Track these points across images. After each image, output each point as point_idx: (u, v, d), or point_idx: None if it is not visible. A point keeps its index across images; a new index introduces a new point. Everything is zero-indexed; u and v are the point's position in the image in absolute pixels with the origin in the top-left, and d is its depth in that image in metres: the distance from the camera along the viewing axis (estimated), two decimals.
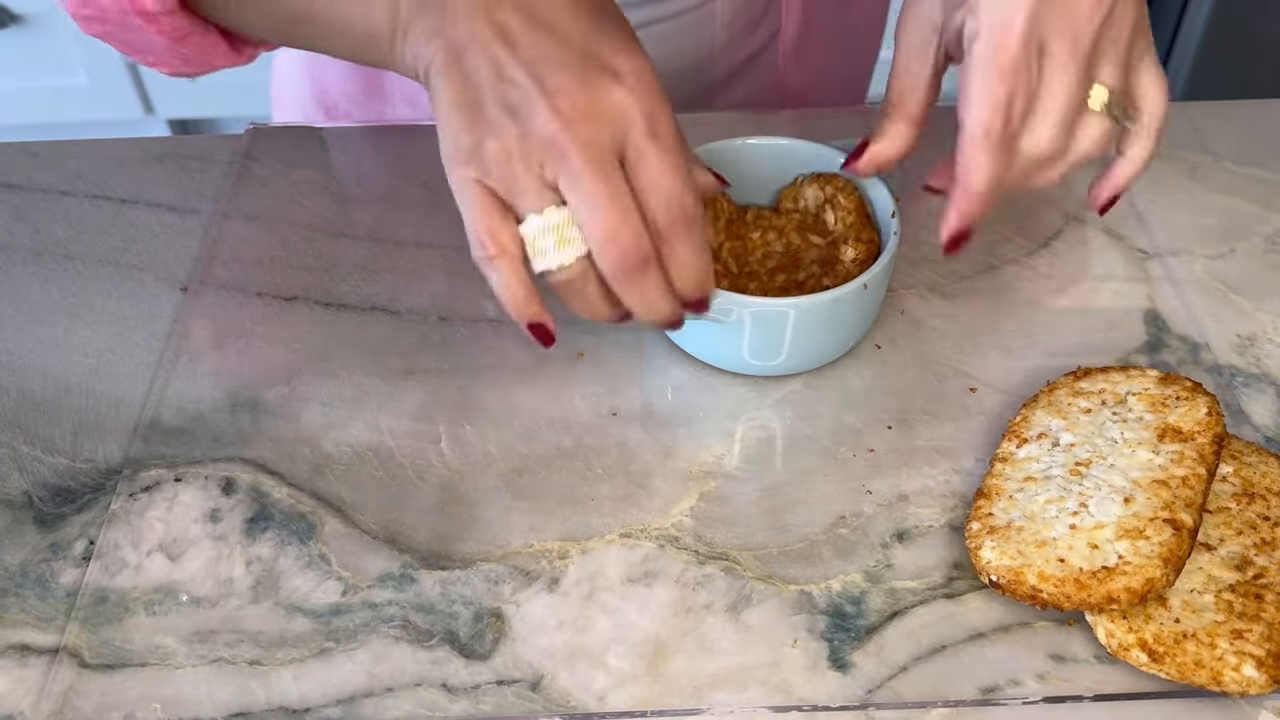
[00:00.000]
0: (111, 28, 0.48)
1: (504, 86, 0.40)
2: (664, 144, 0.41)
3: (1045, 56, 0.44)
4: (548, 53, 0.40)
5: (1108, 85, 0.45)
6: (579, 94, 0.40)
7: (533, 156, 0.41)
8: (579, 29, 0.41)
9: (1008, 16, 0.43)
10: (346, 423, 0.52)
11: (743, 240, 0.56)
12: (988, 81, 0.43)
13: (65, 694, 0.43)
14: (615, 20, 0.42)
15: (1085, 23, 0.43)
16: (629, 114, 0.41)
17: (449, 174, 0.42)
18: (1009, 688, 0.43)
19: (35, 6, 1.54)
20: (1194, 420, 0.47)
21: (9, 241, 0.61)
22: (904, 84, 0.47)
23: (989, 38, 0.43)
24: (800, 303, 0.49)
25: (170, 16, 0.46)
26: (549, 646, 0.44)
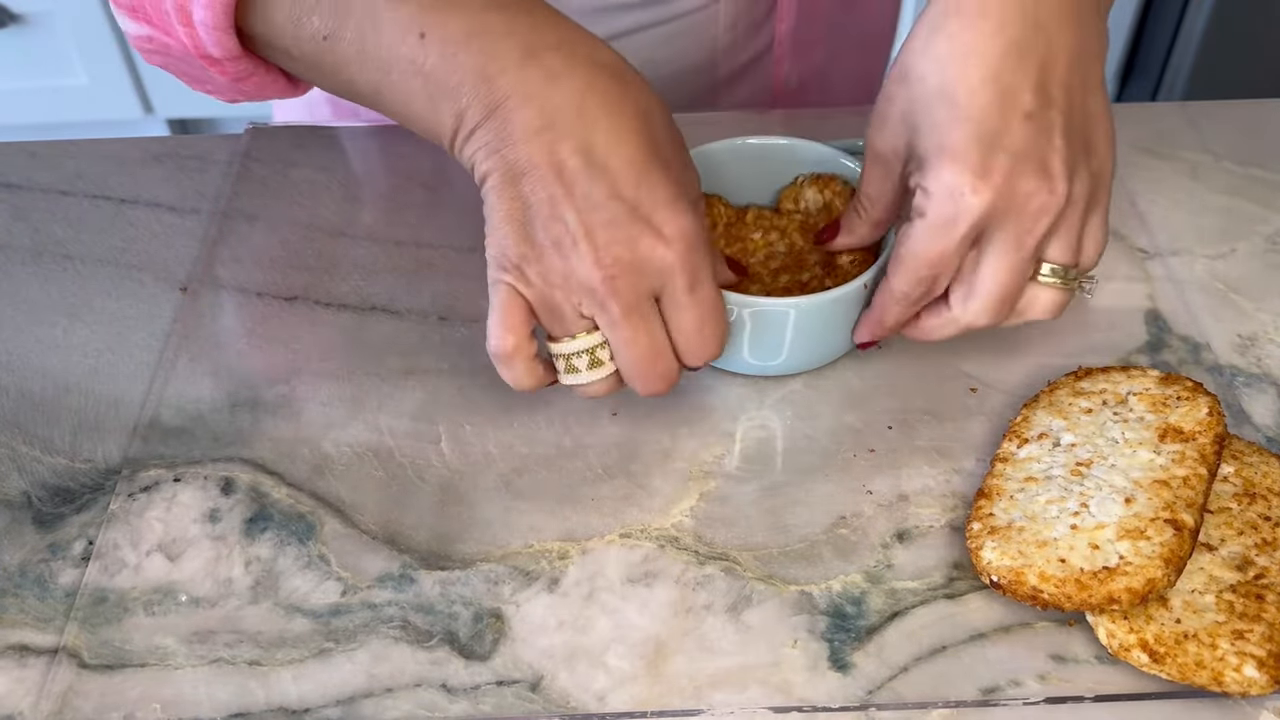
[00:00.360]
0: (173, 61, 0.49)
1: (555, 224, 0.43)
2: (701, 296, 0.44)
3: (987, 243, 0.46)
4: (599, 203, 0.42)
5: (1056, 261, 0.47)
6: (623, 249, 0.43)
7: (573, 294, 0.44)
8: (631, 178, 0.43)
9: (953, 216, 0.44)
10: (346, 423, 0.52)
11: (743, 242, 0.56)
12: (917, 262, 0.46)
13: (64, 694, 0.43)
14: (667, 168, 0.44)
15: (1032, 223, 0.45)
16: (670, 270, 0.44)
17: (489, 270, 0.45)
18: (1010, 688, 0.43)
19: (35, 6, 1.54)
20: (1195, 420, 0.47)
21: (8, 241, 0.61)
22: (872, 192, 0.50)
23: (931, 226, 0.45)
24: (800, 303, 0.49)
25: (234, 62, 0.47)
26: (549, 647, 0.44)
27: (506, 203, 0.43)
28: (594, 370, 0.46)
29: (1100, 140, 0.46)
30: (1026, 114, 0.44)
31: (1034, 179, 0.44)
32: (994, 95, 0.43)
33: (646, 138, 0.44)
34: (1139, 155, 0.65)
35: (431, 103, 0.44)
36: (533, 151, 0.42)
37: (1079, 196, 0.45)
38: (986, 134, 0.43)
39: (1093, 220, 0.47)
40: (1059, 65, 0.44)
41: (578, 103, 0.43)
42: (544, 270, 0.43)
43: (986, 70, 0.43)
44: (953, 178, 0.44)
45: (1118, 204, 0.62)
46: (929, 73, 0.44)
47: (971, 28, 0.43)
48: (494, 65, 0.43)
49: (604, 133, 0.43)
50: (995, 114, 0.43)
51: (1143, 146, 0.66)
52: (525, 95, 0.43)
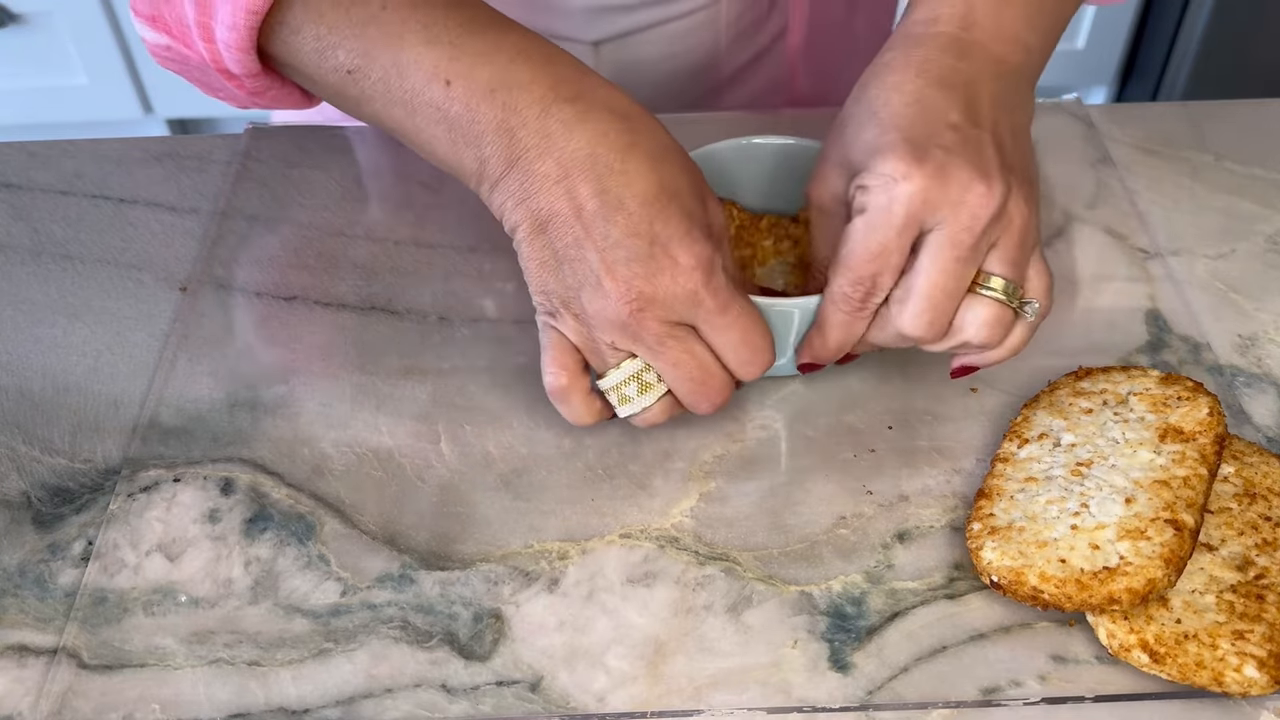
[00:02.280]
0: (190, 70, 0.50)
1: (580, 265, 0.44)
2: (735, 311, 0.45)
3: (924, 242, 0.45)
4: (617, 240, 0.44)
5: (1000, 273, 0.46)
6: (644, 283, 0.44)
7: (606, 332, 0.45)
8: (646, 215, 0.44)
9: (890, 201, 0.44)
10: (346, 423, 0.52)
11: (754, 247, 0.56)
12: (857, 258, 0.45)
13: (64, 694, 0.43)
14: (680, 200, 0.45)
15: (968, 217, 0.44)
16: (695, 297, 0.44)
17: (537, 315, 0.47)
18: (1010, 688, 0.43)
19: (35, 6, 1.54)
20: (1195, 420, 0.47)
21: (8, 241, 0.61)
22: (824, 255, 0.50)
23: (869, 220, 0.45)
24: (804, 303, 0.49)
25: (253, 79, 0.48)
26: (549, 647, 0.44)
27: (538, 250, 0.45)
28: (645, 395, 0.47)
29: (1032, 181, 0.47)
30: (953, 125, 0.45)
31: (969, 170, 0.44)
32: (919, 111, 0.45)
33: (658, 175, 0.45)
34: (1139, 155, 0.65)
35: (454, 147, 0.46)
36: (554, 200, 0.44)
37: (1016, 215, 0.45)
38: (918, 136, 0.44)
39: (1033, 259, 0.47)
40: (983, 102, 0.46)
41: (591, 151, 0.44)
42: (578, 311, 0.45)
43: (910, 97, 0.46)
44: (887, 166, 0.44)
45: (1118, 204, 0.62)
46: (858, 112, 0.47)
47: (896, 72, 0.46)
48: (515, 119, 0.45)
49: (618, 175, 0.44)
50: (922, 125, 0.45)
51: (1143, 146, 0.66)
52: (543, 148, 0.44)
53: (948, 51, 0.46)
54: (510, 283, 0.59)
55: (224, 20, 0.46)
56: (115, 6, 1.54)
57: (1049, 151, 0.66)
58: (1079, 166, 0.65)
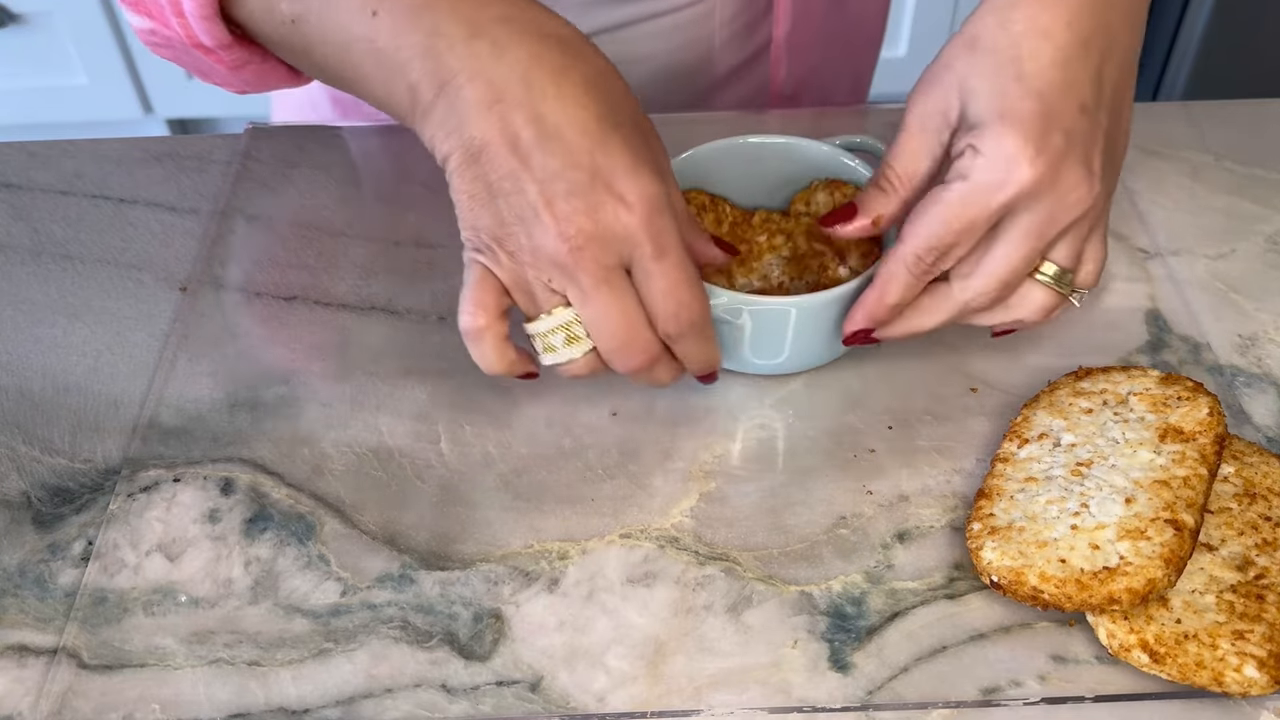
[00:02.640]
0: (178, 52, 0.49)
1: (517, 198, 0.42)
2: (670, 261, 0.43)
3: (1009, 223, 0.45)
4: (556, 172, 0.42)
5: (1059, 264, 0.47)
6: (586, 219, 0.42)
7: (542, 270, 0.43)
8: (586, 146, 0.42)
9: (1001, 182, 0.44)
10: (346, 423, 0.52)
11: (748, 244, 0.56)
12: (941, 224, 0.45)
13: (64, 695, 0.43)
14: (622, 131, 0.43)
15: (1063, 213, 0.45)
16: (635, 237, 0.43)
17: (465, 251, 0.45)
18: (1010, 688, 0.43)
19: (35, 6, 1.54)
20: (1195, 420, 0.47)
21: (8, 241, 0.61)
22: (905, 170, 0.48)
23: (971, 192, 0.44)
24: (801, 301, 0.49)
25: (227, 50, 0.48)
26: (549, 647, 0.44)
27: (469, 183, 0.43)
28: (571, 347, 0.45)
29: (1121, 155, 0.47)
30: (1083, 106, 0.44)
31: (1080, 169, 0.44)
32: (1060, 78, 0.44)
33: (599, 105, 0.43)
34: (1139, 155, 0.65)
35: (386, 81, 0.44)
36: (486, 128, 0.42)
37: (1101, 205, 0.46)
38: (1049, 113, 0.44)
39: (1094, 237, 0.48)
40: (1114, 65, 0.45)
41: (523, 73, 0.42)
42: (513, 248, 0.43)
43: (1058, 54, 0.44)
44: (1013, 144, 0.43)
45: (1118, 204, 0.62)
46: (1002, 44, 0.45)
47: (1047, 11, 0.44)
48: (441, 41, 0.43)
49: (554, 100, 0.42)
50: (1059, 97, 0.44)
51: (1143, 146, 0.66)
52: (473, 70, 0.42)
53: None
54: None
55: None
56: (115, 6, 1.54)
57: None
58: None
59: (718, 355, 0.48)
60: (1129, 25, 0.46)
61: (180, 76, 1.61)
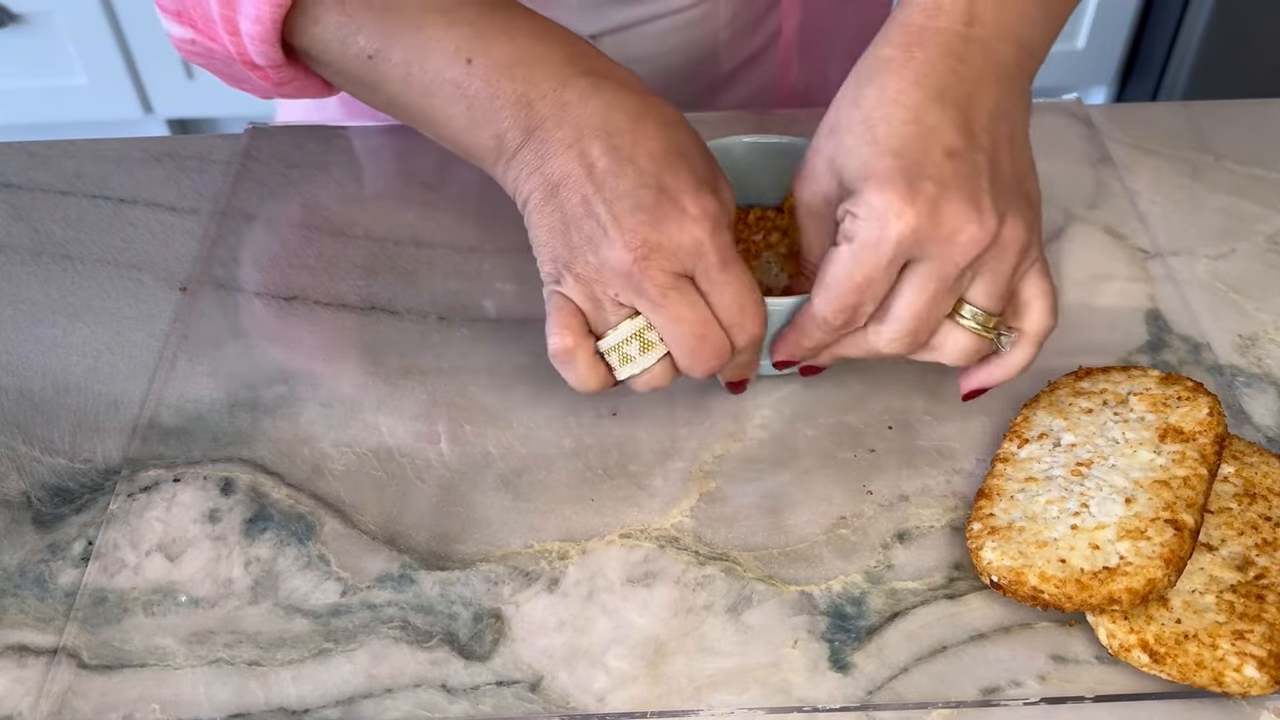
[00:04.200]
0: (215, 63, 0.51)
1: (587, 221, 0.44)
2: (734, 271, 0.45)
3: (909, 270, 0.45)
4: (626, 191, 0.44)
5: (978, 305, 0.46)
6: (651, 230, 0.43)
7: (610, 285, 0.44)
8: (654, 169, 0.44)
9: (880, 238, 0.44)
10: (346, 423, 0.52)
11: (745, 244, 0.56)
12: (841, 288, 0.45)
13: (64, 694, 0.43)
14: (689, 160, 0.45)
15: (958, 254, 0.44)
16: (701, 248, 0.44)
17: (545, 286, 0.47)
18: (1010, 688, 0.43)
19: (35, 6, 1.54)
20: (1195, 420, 0.47)
21: (8, 241, 0.61)
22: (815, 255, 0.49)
23: (856, 252, 0.44)
24: (800, 301, 0.49)
25: (277, 70, 0.49)
26: (549, 647, 0.44)
27: (547, 217, 0.45)
28: (647, 354, 0.46)
29: (1030, 193, 0.46)
30: (950, 151, 0.44)
31: (964, 207, 0.44)
32: (916, 133, 0.44)
33: (667, 137, 0.45)
34: (1139, 155, 0.65)
35: (473, 125, 0.46)
36: (566, 162, 0.45)
37: (1010, 241, 0.45)
38: (911, 164, 0.44)
39: (1030, 276, 0.47)
40: (981, 115, 0.45)
41: (605, 115, 0.45)
42: (580, 269, 0.45)
43: (909, 112, 0.44)
44: (880, 200, 0.44)
45: (1118, 204, 0.62)
46: (855, 121, 0.45)
47: (895, 79, 0.45)
48: (534, 91, 0.45)
49: (628, 134, 0.45)
50: (918, 148, 0.44)
51: (1143, 146, 0.66)
52: (560, 117, 0.45)
53: (950, 54, 0.46)
54: (510, 283, 0.59)
55: (248, 14, 0.46)
56: (115, 6, 1.54)
57: (1049, 151, 0.66)
58: (1079, 166, 0.65)
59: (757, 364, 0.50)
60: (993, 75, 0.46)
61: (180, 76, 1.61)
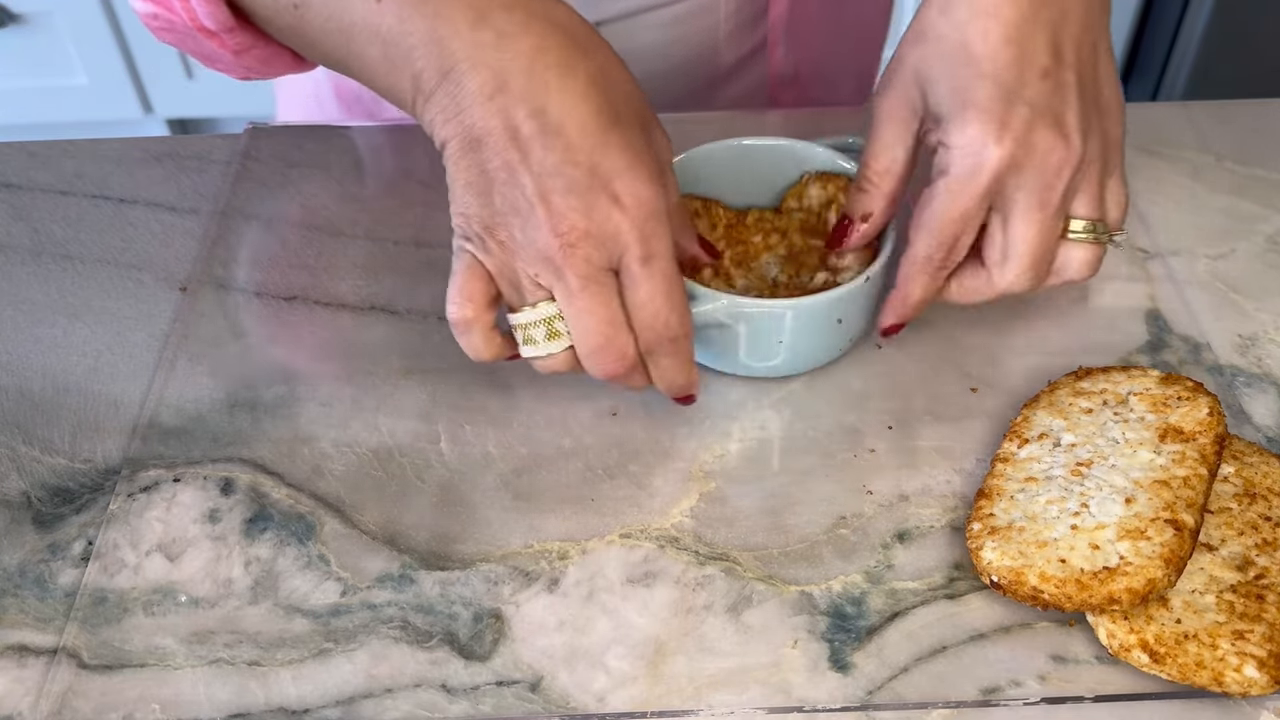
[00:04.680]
0: (181, 37, 0.49)
1: (512, 190, 0.42)
2: (655, 267, 0.43)
3: (1010, 202, 0.46)
4: (554, 168, 0.42)
5: (1085, 216, 0.48)
6: (580, 217, 0.42)
7: (531, 264, 0.43)
8: (587, 145, 0.42)
9: (976, 168, 0.45)
10: (346, 423, 0.52)
11: (744, 245, 0.56)
12: (940, 221, 0.46)
13: (64, 695, 0.43)
14: (625, 133, 0.43)
15: (1054, 178, 0.46)
16: (625, 238, 0.43)
17: (455, 239, 0.45)
18: (1010, 688, 0.43)
19: (35, 6, 1.54)
20: (1195, 420, 0.47)
21: (8, 241, 0.61)
22: (881, 165, 0.49)
23: (952, 184, 0.46)
24: (798, 304, 0.49)
25: (230, 34, 0.48)
26: (549, 647, 0.44)
27: (465, 171, 0.43)
28: (551, 342, 0.45)
29: (1110, 102, 0.48)
30: (1043, 71, 0.45)
31: (1052, 133, 0.45)
32: (1013, 54, 0.45)
33: (603, 100, 0.43)
34: (1139, 155, 0.65)
35: (390, 67, 0.44)
36: (487, 117, 0.42)
37: (1094, 154, 0.47)
38: (1006, 89, 0.45)
39: (1110, 181, 0.49)
40: (1071, 28, 0.46)
41: (528, 64, 0.42)
42: (504, 239, 0.43)
43: (1005, 31, 0.45)
44: (977, 129, 0.45)
45: None
46: (948, 33, 0.46)
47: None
48: (446, 27, 0.42)
49: (557, 94, 0.42)
50: (1014, 71, 0.45)
51: (1143, 146, 0.66)
52: (476, 59, 0.42)
53: None
54: None
55: None
56: (115, 6, 1.54)
57: None
58: None
59: (693, 378, 0.48)
60: None
61: (180, 76, 1.61)
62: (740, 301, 0.49)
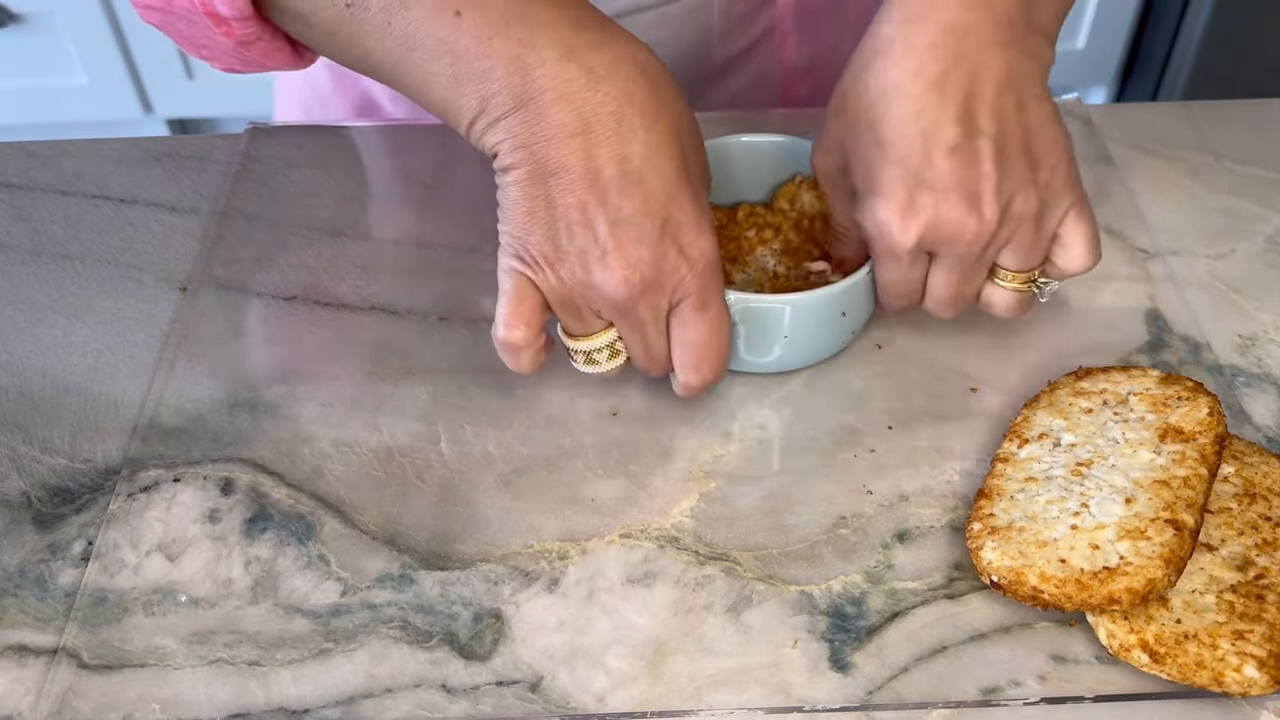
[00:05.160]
0: (173, 20, 0.47)
1: (584, 231, 0.43)
2: (709, 315, 0.46)
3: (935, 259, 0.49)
4: (629, 217, 0.43)
5: (1010, 268, 0.49)
6: (650, 268, 0.43)
7: (594, 303, 0.45)
8: (663, 196, 0.43)
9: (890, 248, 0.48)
10: (346, 423, 0.52)
11: (737, 241, 0.56)
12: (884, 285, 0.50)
13: (64, 695, 0.43)
14: (693, 183, 0.45)
15: (966, 248, 0.47)
16: (686, 287, 0.45)
17: (502, 257, 0.45)
18: (1010, 688, 0.43)
19: (35, 6, 1.54)
20: (1195, 420, 0.47)
21: (8, 241, 0.61)
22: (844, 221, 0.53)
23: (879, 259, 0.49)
24: (796, 299, 0.49)
25: (242, 23, 0.46)
26: (549, 647, 0.44)
27: (530, 200, 0.43)
28: (613, 360, 0.48)
29: (1046, 150, 0.47)
30: (950, 148, 0.45)
31: (960, 209, 0.46)
32: (916, 134, 0.45)
33: (679, 153, 0.44)
34: (1139, 155, 0.65)
35: (455, 85, 0.43)
36: (567, 154, 0.42)
37: (1022, 213, 0.47)
38: (911, 172, 0.46)
39: (1069, 220, 0.49)
40: (986, 93, 0.46)
41: (616, 109, 0.42)
42: (566, 275, 0.44)
43: (909, 109, 0.45)
44: (883, 216, 0.46)
45: (1118, 204, 0.62)
46: (860, 110, 0.47)
47: (896, 66, 0.45)
48: (532, 56, 0.42)
49: (641, 145, 0.43)
50: (919, 152, 0.45)
51: (1143, 146, 0.66)
52: (563, 94, 0.42)
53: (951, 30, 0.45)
54: None
55: None
56: (115, 6, 1.54)
57: None
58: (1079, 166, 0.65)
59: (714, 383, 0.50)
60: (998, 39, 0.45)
61: (180, 76, 1.61)
62: (739, 297, 0.49)
